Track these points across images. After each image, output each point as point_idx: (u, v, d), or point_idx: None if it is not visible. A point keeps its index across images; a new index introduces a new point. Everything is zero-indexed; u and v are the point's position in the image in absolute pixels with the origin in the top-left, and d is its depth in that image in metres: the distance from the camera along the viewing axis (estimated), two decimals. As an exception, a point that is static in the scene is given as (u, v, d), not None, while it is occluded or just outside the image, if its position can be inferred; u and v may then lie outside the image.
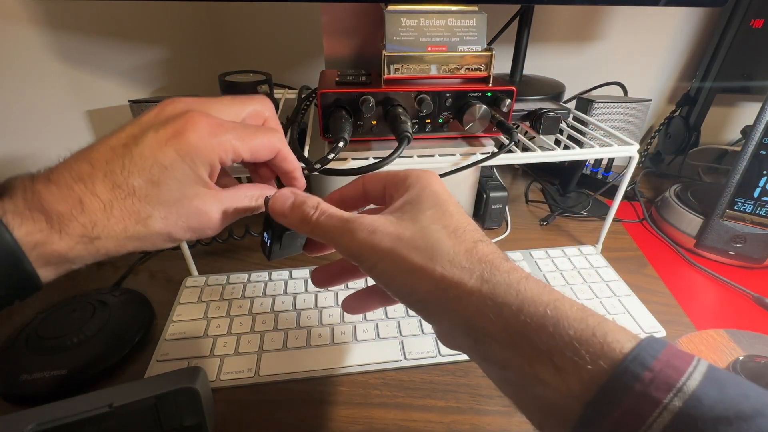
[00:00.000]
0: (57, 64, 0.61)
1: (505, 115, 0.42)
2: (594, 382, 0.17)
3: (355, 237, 0.22)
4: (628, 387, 0.16)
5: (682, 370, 0.16)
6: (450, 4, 0.42)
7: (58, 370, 0.36)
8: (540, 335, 0.18)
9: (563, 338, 0.18)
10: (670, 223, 0.59)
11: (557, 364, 0.18)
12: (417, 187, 0.24)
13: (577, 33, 0.73)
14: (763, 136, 0.48)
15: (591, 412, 0.17)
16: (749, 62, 0.67)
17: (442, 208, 0.23)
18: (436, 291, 0.21)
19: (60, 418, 0.27)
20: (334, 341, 0.41)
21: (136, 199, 0.23)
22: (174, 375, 0.32)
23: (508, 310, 0.19)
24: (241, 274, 0.49)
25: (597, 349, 0.17)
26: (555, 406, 0.18)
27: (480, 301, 0.20)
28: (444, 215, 0.23)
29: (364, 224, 0.22)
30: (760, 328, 0.44)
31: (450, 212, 0.23)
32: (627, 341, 0.17)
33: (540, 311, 0.19)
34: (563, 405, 0.18)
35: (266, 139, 0.27)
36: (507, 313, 0.19)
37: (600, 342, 0.17)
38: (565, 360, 0.18)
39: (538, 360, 0.18)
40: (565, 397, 0.18)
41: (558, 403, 0.18)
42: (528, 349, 0.18)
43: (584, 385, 0.17)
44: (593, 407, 0.17)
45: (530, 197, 0.69)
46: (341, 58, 0.51)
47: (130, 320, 0.42)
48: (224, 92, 0.57)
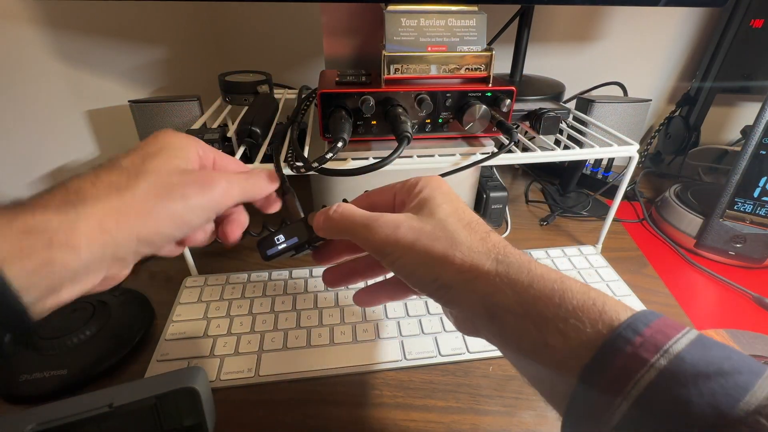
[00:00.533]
0: (57, 64, 0.61)
1: (505, 115, 0.42)
2: (591, 345, 0.19)
3: (379, 232, 0.25)
4: (620, 349, 0.18)
5: (670, 336, 0.18)
6: (450, 4, 0.42)
7: (58, 370, 0.36)
8: (548, 305, 0.21)
9: (567, 308, 0.20)
10: (670, 223, 0.59)
11: (562, 330, 0.20)
12: (428, 188, 0.27)
13: (577, 33, 0.73)
14: (763, 136, 0.48)
15: (587, 373, 0.19)
16: (749, 62, 0.67)
17: (454, 205, 0.26)
18: (457, 275, 0.23)
19: (60, 418, 0.27)
20: (334, 341, 0.41)
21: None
22: (174, 375, 0.32)
23: (520, 285, 0.22)
24: (241, 274, 0.49)
25: (596, 317, 0.19)
26: (561, 367, 0.20)
27: (497, 279, 0.22)
28: (457, 211, 0.26)
29: (388, 220, 0.25)
30: (760, 328, 0.44)
31: (461, 208, 0.26)
32: (623, 311, 0.20)
33: (548, 285, 0.21)
34: (567, 367, 0.20)
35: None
36: (520, 288, 0.21)
37: (599, 311, 0.20)
38: (568, 326, 0.20)
39: (547, 327, 0.20)
40: (568, 358, 0.20)
41: (563, 365, 0.20)
42: (538, 318, 0.21)
43: (584, 347, 0.19)
44: (590, 368, 0.19)
45: (530, 197, 0.69)
46: (341, 58, 0.51)
47: (130, 320, 0.42)
48: (224, 92, 0.57)
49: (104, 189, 0.22)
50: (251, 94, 0.56)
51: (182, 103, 0.56)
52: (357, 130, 0.42)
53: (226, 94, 0.57)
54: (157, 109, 0.56)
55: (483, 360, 0.40)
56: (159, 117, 0.56)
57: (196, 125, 0.51)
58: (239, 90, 0.56)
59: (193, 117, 0.56)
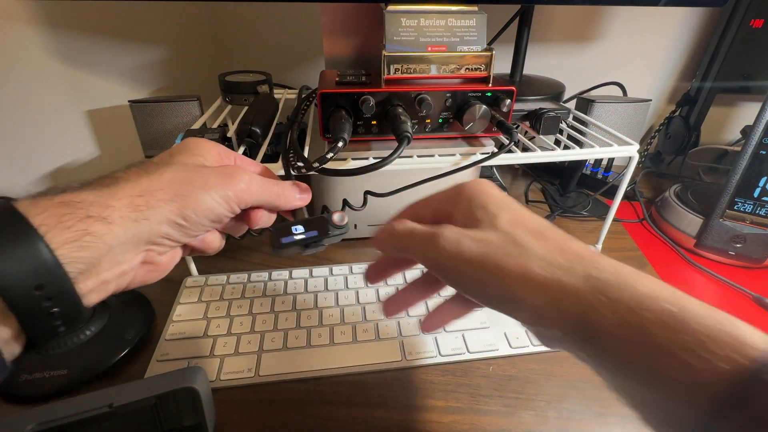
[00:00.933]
0: (57, 64, 0.61)
1: (505, 115, 0.42)
2: (727, 377, 0.16)
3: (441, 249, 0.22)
4: (765, 382, 0.15)
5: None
6: (450, 4, 0.42)
7: (58, 370, 0.36)
8: (663, 332, 0.17)
9: (690, 335, 0.17)
10: (670, 223, 0.59)
11: (685, 360, 0.17)
12: (477, 195, 0.24)
13: (577, 33, 0.73)
14: (763, 136, 0.48)
15: (723, 408, 0.16)
16: (749, 62, 0.67)
17: (513, 211, 0.23)
18: (539, 294, 0.20)
19: (60, 418, 0.27)
20: (334, 341, 0.41)
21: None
22: (174, 375, 0.32)
23: (623, 307, 0.18)
24: (241, 274, 0.49)
25: (728, 344, 0.16)
26: (680, 397, 0.17)
27: (589, 297, 0.19)
28: (519, 217, 0.23)
29: (447, 235, 0.22)
30: (760, 328, 0.44)
31: (522, 213, 0.23)
32: (761, 339, 0.17)
33: (660, 308, 0.18)
34: (690, 398, 0.17)
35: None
36: (622, 311, 0.18)
37: (732, 337, 0.17)
38: (693, 356, 0.17)
39: (662, 356, 0.17)
40: (693, 390, 0.17)
41: (684, 396, 0.17)
42: (650, 345, 0.18)
43: (716, 379, 0.16)
44: (727, 403, 0.16)
45: (530, 197, 0.69)
46: (341, 58, 0.51)
47: (130, 320, 0.42)
48: (224, 92, 0.57)
49: (134, 174, 0.24)
50: (251, 94, 0.56)
51: (182, 103, 0.56)
52: (357, 130, 0.42)
53: (226, 94, 0.57)
54: (157, 109, 0.56)
55: (483, 360, 0.40)
56: (159, 117, 0.56)
57: (196, 125, 0.51)
58: (239, 90, 0.56)
59: (193, 117, 0.56)
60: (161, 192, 0.24)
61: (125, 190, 0.23)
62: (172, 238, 0.25)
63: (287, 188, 0.31)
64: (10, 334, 0.19)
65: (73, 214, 0.21)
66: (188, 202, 0.25)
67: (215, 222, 0.27)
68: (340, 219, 0.31)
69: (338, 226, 0.31)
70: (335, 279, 0.48)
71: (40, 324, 0.20)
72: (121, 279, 0.24)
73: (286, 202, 0.31)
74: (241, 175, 0.28)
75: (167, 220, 0.24)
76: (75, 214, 0.21)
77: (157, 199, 0.24)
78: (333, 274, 0.49)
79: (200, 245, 0.29)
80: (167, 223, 0.24)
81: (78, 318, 0.22)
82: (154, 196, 0.24)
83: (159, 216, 0.24)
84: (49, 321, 0.20)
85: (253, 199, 0.28)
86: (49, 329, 0.21)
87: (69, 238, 0.20)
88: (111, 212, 0.22)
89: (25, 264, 0.19)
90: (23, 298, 0.19)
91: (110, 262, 0.22)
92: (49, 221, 0.20)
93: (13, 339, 0.20)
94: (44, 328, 0.20)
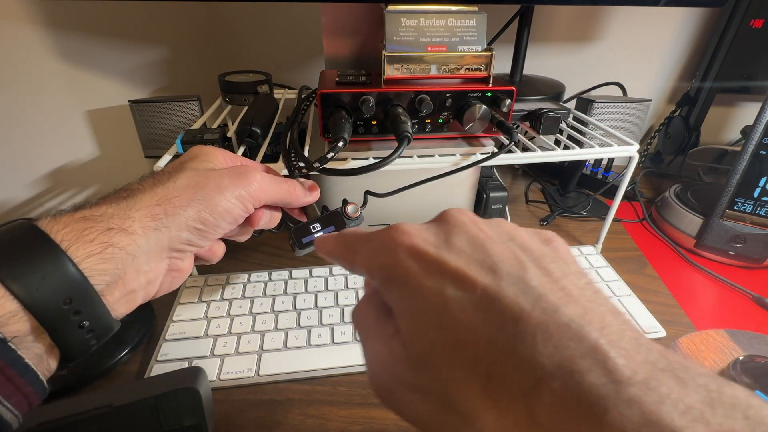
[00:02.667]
0: (57, 64, 0.61)
1: (505, 115, 0.42)
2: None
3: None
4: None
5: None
6: (450, 4, 0.42)
7: (58, 370, 0.36)
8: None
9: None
10: (670, 223, 0.59)
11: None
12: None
13: (577, 33, 0.73)
14: (763, 136, 0.48)
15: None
16: (749, 62, 0.67)
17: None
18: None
19: (60, 418, 0.27)
20: (334, 341, 0.41)
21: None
22: (174, 375, 0.32)
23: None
24: (241, 274, 0.49)
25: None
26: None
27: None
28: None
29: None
30: (760, 328, 0.44)
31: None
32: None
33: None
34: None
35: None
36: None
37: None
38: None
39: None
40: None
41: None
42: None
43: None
44: None
45: (530, 197, 0.69)
46: (341, 58, 0.51)
47: (130, 320, 0.42)
48: (224, 92, 0.57)
49: (149, 185, 0.25)
50: (251, 94, 0.56)
51: (182, 103, 0.56)
52: (357, 130, 0.42)
53: (226, 94, 0.57)
54: (157, 109, 0.56)
55: (483, 360, 0.40)
56: (159, 117, 0.56)
57: (196, 125, 0.51)
58: (239, 90, 0.56)
59: (193, 117, 0.56)
60: (177, 199, 0.25)
61: (142, 201, 0.24)
62: (192, 243, 0.26)
63: (296, 185, 0.31)
64: (42, 349, 0.20)
65: (93, 227, 0.21)
66: (204, 205, 0.25)
67: (231, 223, 0.27)
68: (354, 210, 0.32)
69: (352, 218, 0.32)
70: (335, 279, 0.48)
71: (71, 337, 0.21)
72: (148, 288, 0.25)
73: (296, 199, 0.31)
74: (253, 173, 0.28)
75: (186, 225, 0.25)
76: (96, 227, 0.21)
77: (175, 206, 0.24)
78: (333, 274, 0.49)
79: (207, 254, 0.29)
80: (187, 229, 0.25)
81: (108, 330, 0.22)
82: (171, 204, 0.24)
83: (178, 222, 0.24)
84: (79, 334, 0.21)
85: (266, 196, 0.29)
86: (80, 342, 0.21)
87: (92, 251, 0.21)
88: (131, 223, 0.23)
89: (52, 279, 0.19)
90: (52, 313, 0.19)
91: (135, 271, 0.23)
92: (70, 236, 0.20)
93: (47, 354, 0.21)
94: (75, 342, 0.21)
